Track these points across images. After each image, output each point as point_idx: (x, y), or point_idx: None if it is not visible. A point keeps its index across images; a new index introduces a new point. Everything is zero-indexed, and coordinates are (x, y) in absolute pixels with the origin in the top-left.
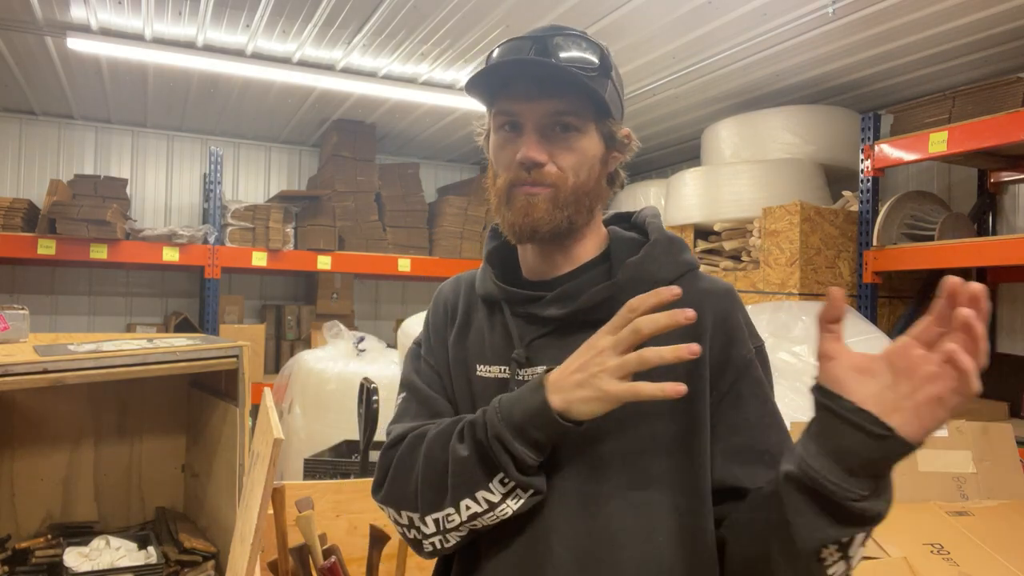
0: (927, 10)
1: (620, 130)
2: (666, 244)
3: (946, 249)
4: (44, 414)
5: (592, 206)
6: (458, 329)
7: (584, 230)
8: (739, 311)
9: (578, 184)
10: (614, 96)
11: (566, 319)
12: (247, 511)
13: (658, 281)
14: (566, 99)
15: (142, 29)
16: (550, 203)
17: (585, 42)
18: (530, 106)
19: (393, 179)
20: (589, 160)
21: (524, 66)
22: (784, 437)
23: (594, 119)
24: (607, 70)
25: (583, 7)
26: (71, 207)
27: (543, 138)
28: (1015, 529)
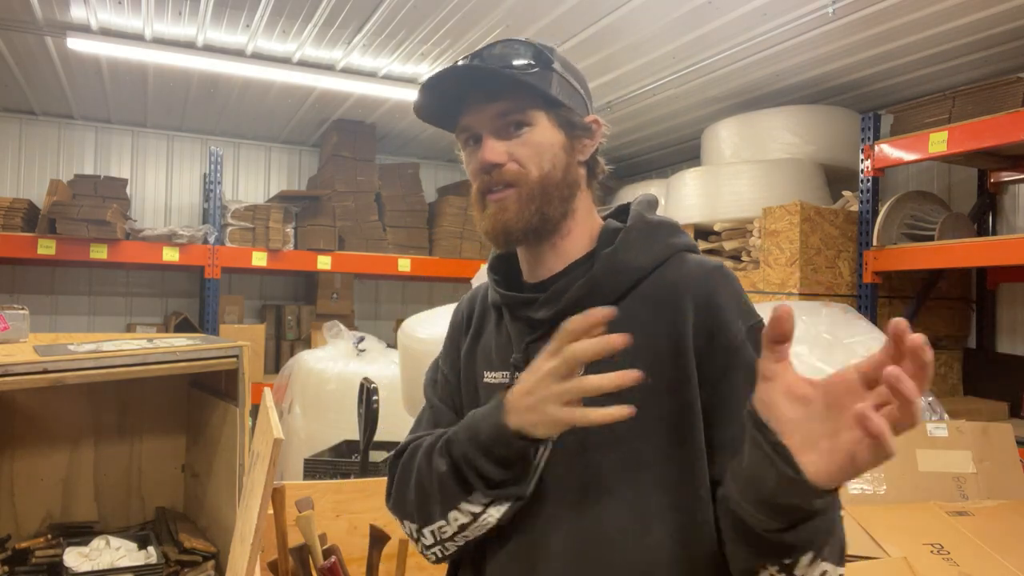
0: (927, 10)
1: (583, 117)
2: (644, 230)
3: (946, 249)
4: (44, 414)
5: (565, 195)
6: (471, 338)
7: (567, 224)
8: (725, 290)
9: (543, 175)
10: (564, 86)
11: (556, 319)
12: (247, 511)
13: (636, 269)
14: (508, 99)
15: (142, 29)
16: (517, 202)
17: (520, 44)
18: (479, 114)
19: (393, 179)
20: (548, 150)
21: (458, 73)
22: None
23: (544, 110)
24: (547, 64)
25: (583, 7)
26: (71, 207)
27: (499, 140)
28: (1015, 529)
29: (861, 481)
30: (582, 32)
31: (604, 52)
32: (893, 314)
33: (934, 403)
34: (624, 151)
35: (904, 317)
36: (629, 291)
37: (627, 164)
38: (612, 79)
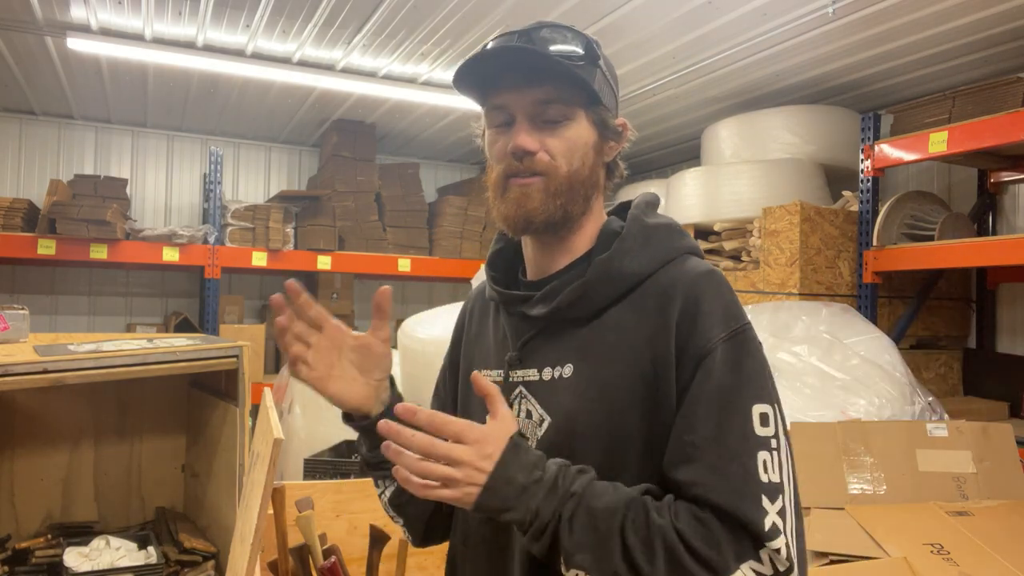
0: (927, 10)
1: (614, 119)
2: (640, 237)
3: (946, 249)
4: (44, 414)
5: (588, 195)
6: (471, 335)
7: (582, 220)
8: (711, 295)
9: (571, 172)
10: (604, 85)
11: (549, 318)
12: (247, 511)
13: (630, 275)
14: (553, 87)
15: (142, 29)
16: (543, 192)
17: (571, 33)
18: (518, 96)
19: (393, 179)
20: (581, 147)
21: (508, 54)
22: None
23: (583, 107)
24: (594, 59)
25: (583, 7)
26: (71, 207)
27: (533, 127)
28: (1015, 529)
29: (861, 481)
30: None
31: (604, 52)
32: (893, 314)
33: (934, 403)
34: (624, 151)
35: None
36: (622, 297)
37: (627, 164)
38: None
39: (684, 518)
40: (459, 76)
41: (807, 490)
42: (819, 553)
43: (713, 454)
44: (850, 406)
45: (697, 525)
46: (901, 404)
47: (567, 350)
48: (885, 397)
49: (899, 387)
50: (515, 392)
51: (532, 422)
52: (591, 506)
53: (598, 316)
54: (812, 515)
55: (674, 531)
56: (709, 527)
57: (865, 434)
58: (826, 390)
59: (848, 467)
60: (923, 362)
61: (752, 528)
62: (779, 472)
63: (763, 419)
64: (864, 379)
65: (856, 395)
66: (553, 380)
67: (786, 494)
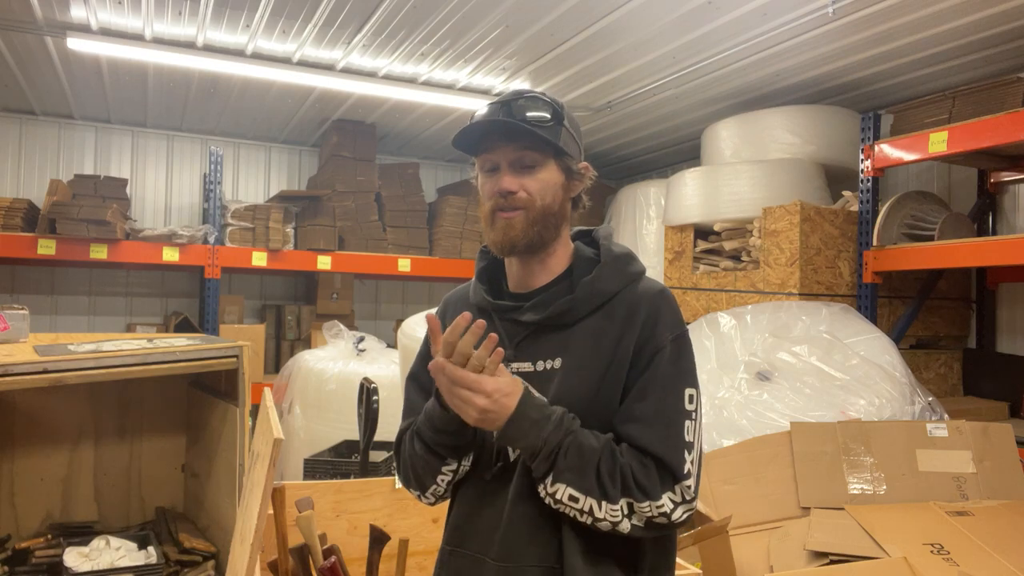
0: (927, 10)
1: (577, 164)
2: (612, 264)
3: (946, 249)
4: (44, 414)
5: (558, 224)
6: None
7: (554, 244)
8: (665, 308)
9: (544, 205)
10: (568, 139)
11: (540, 324)
12: (247, 511)
13: (606, 294)
14: (528, 143)
15: (142, 29)
16: (523, 222)
17: (542, 101)
18: (503, 151)
19: (393, 179)
20: (551, 187)
21: (496, 125)
22: (678, 410)
23: (553, 156)
24: (560, 120)
25: (583, 7)
26: (71, 207)
27: (514, 173)
28: (1015, 529)
29: (861, 481)
30: (582, 32)
31: (604, 52)
32: (893, 314)
33: (934, 403)
34: (624, 151)
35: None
36: (597, 309)
37: (627, 164)
38: (612, 79)
39: (633, 461)
40: (459, 140)
41: (807, 490)
42: (819, 553)
43: (656, 419)
44: (850, 406)
45: (639, 466)
46: (901, 404)
47: (555, 348)
48: (885, 397)
49: (899, 387)
50: None
51: None
52: (580, 442)
53: (578, 322)
54: (812, 515)
55: (629, 468)
56: (648, 467)
57: (865, 434)
58: (826, 390)
59: (848, 467)
60: (923, 362)
61: (675, 471)
62: (695, 435)
63: (690, 399)
64: (864, 379)
65: (856, 395)
66: (544, 371)
67: (695, 450)
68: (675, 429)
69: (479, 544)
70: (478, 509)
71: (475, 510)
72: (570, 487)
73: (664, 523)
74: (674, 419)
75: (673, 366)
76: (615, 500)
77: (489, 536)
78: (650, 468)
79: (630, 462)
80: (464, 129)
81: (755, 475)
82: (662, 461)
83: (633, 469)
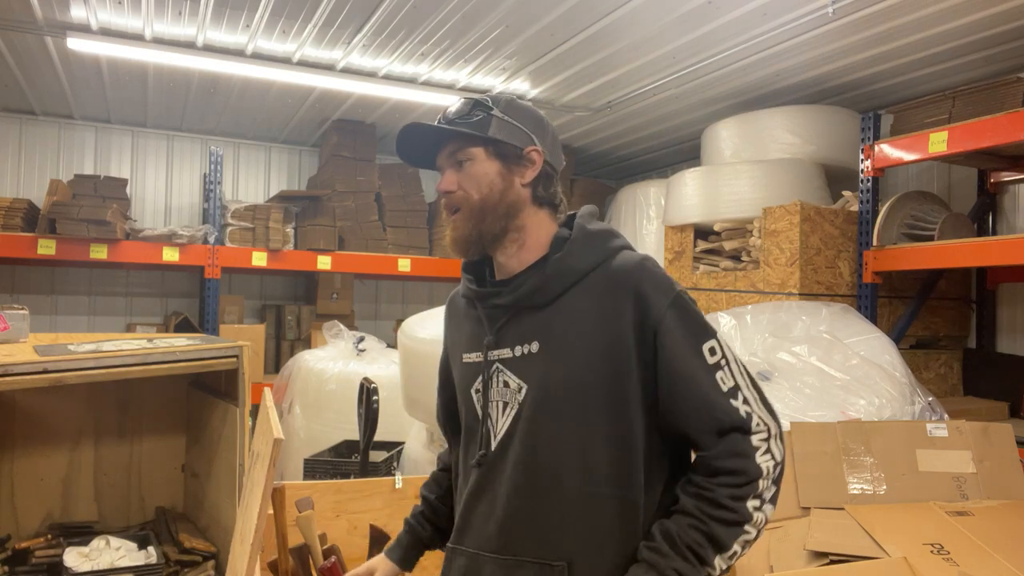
0: (927, 10)
1: (522, 149)
2: (583, 240)
3: (946, 249)
4: (44, 414)
5: (509, 212)
6: (453, 327)
7: (517, 236)
8: (647, 278)
9: (482, 197)
10: (503, 127)
11: (515, 305)
12: (247, 511)
13: (577, 271)
14: (453, 142)
15: (142, 29)
16: (463, 218)
17: (469, 100)
18: (440, 157)
19: (393, 179)
20: (485, 177)
21: (416, 131)
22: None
23: (481, 146)
24: (487, 110)
25: (583, 7)
26: (71, 207)
27: (452, 173)
28: (1015, 529)
29: (861, 481)
30: (582, 32)
31: (604, 52)
32: (893, 314)
33: (934, 403)
34: (624, 151)
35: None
36: (571, 286)
37: (627, 164)
38: (612, 79)
39: (704, 493)
40: (401, 154)
41: (807, 490)
42: (819, 553)
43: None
44: (850, 406)
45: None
46: (901, 404)
47: (531, 330)
48: (885, 397)
49: (899, 387)
50: (492, 368)
51: (511, 389)
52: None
53: (554, 302)
54: (812, 515)
55: (697, 513)
56: (714, 472)
57: (865, 434)
58: (826, 390)
59: (848, 467)
60: (923, 362)
61: (736, 426)
62: (732, 377)
63: (711, 351)
64: (864, 379)
65: (856, 395)
66: (524, 356)
67: (743, 387)
68: (712, 398)
69: (476, 539)
70: (472, 503)
71: (469, 504)
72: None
73: (776, 470)
74: (707, 391)
75: (681, 331)
76: (727, 543)
77: (485, 530)
78: (718, 470)
79: (699, 505)
80: (398, 143)
81: None
82: (722, 434)
83: (710, 500)
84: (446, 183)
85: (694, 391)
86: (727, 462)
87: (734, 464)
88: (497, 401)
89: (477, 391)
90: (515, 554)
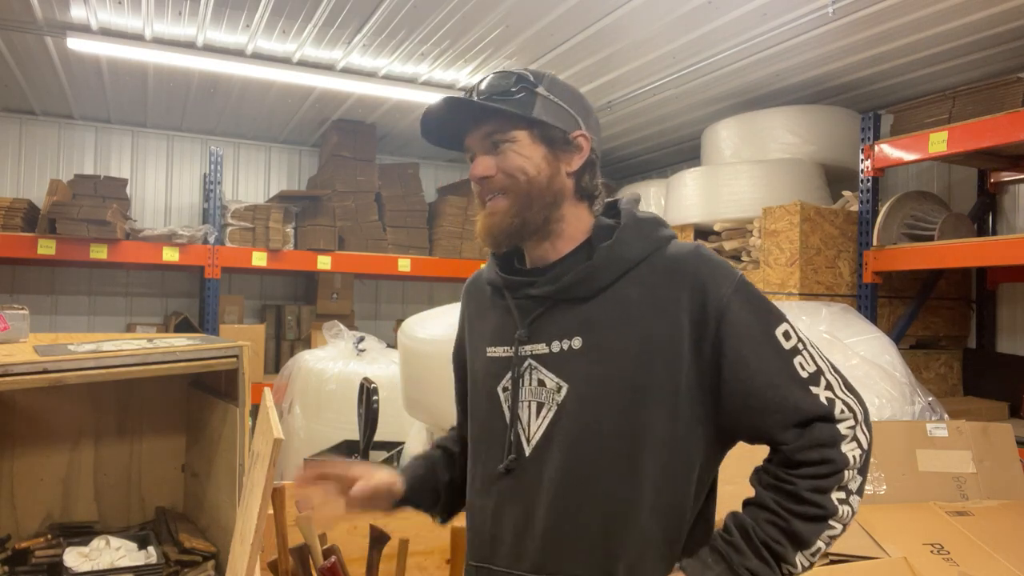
0: (927, 10)
1: (568, 133)
2: (634, 228)
3: (946, 249)
4: (44, 414)
5: (549, 202)
6: (473, 316)
7: (555, 228)
8: (705, 265)
9: (528, 180)
10: (548, 107)
11: (554, 296)
12: (247, 511)
13: (628, 260)
14: (491, 122)
15: (142, 29)
16: (507, 205)
17: (507, 75)
18: (472, 137)
19: (393, 179)
20: (531, 161)
21: (450, 107)
22: (782, 357)
23: (526, 128)
24: (531, 87)
25: (583, 7)
26: (71, 207)
27: (488, 157)
28: (1015, 529)
29: None
30: (582, 32)
31: (604, 52)
32: (893, 314)
33: (934, 403)
34: (624, 151)
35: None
36: (619, 278)
37: (627, 164)
38: (612, 79)
39: (786, 480)
40: (425, 134)
41: None
42: None
43: (772, 399)
44: None
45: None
46: (901, 404)
47: (572, 325)
48: (885, 397)
49: (899, 387)
50: (524, 364)
51: (547, 389)
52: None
53: (599, 295)
54: None
55: (776, 508)
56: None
57: None
58: None
59: None
60: (923, 362)
61: (820, 415)
62: (812, 362)
63: (786, 335)
64: (864, 379)
65: None
66: (563, 352)
67: (824, 371)
68: (788, 382)
69: (509, 556)
70: (499, 515)
71: (495, 516)
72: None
73: (863, 458)
74: (783, 373)
75: (750, 317)
76: (809, 539)
77: (520, 546)
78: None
79: (777, 498)
80: (423, 119)
81: None
82: (805, 425)
83: (789, 493)
84: (482, 167)
85: (770, 381)
86: (810, 453)
87: (818, 455)
88: (529, 401)
89: (505, 389)
90: (555, 571)
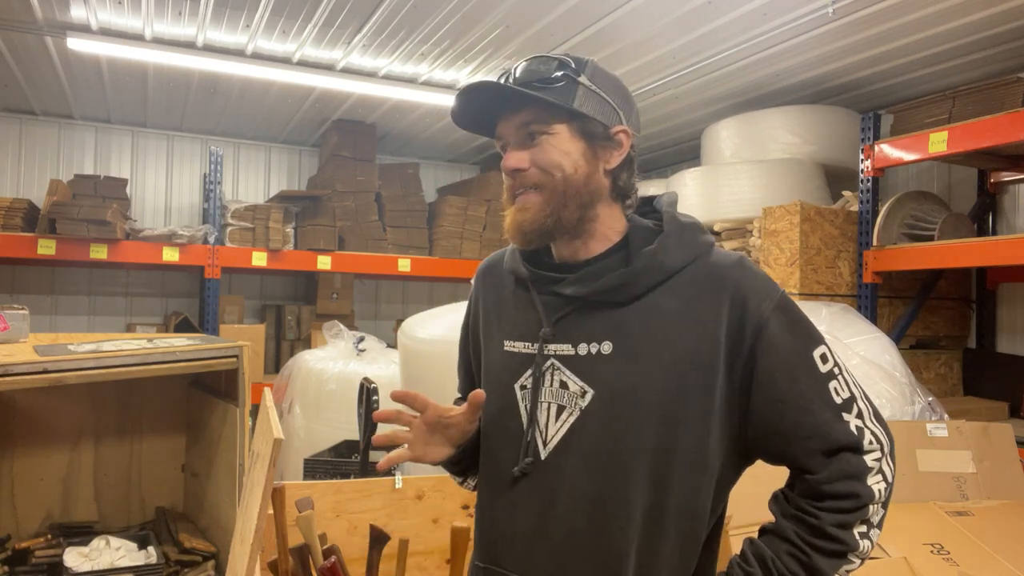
0: (927, 10)
1: (609, 128)
2: (677, 234)
3: (946, 249)
4: (44, 414)
5: (585, 201)
6: (489, 304)
7: (588, 228)
8: (747, 277)
9: (565, 178)
10: (590, 98)
11: (586, 298)
12: (247, 511)
13: (669, 268)
14: (532, 110)
15: (142, 29)
16: (541, 202)
17: (548, 60)
18: (505, 125)
19: (393, 179)
20: (569, 157)
21: (485, 90)
22: (818, 381)
23: (566, 121)
24: (573, 76)
25: (583, 7)
26: (71, 207)
27: (523, 148)
28: (1015, 529)
29: None
30: (582, 32)
31: (604, 52)
32: (893, 314)
33: (934, 403)
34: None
35: (904, 317)
36: (658, 284)
37: None
38: None
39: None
40: (456, 115)
41: None
42: None
43: (804, 423)
44: None
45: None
46: (901, 404)
47: (603, 329)
48: (885, 397)
49: (899, 387)
50: (547, 364)
51: (570, 392)
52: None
53: (635, 300)
54: None
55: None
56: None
57: None
58: None
59: None
60: (923, 362)
61: (849, 445)
62: (847, 387)
63: (823, 358)
64: (864, 379)
65: None
66: (591, 355)
67: (857, 398)
68: (820, 406)
69: (519, 561)
70: (510, 517)
71: (507, 518)
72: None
73: (887, 492)
74: (816, 397)
75: (789, 336)
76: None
77: (532, 551)
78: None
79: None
80: (458, 96)
81: (755, 475)
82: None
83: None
84: (515, 160)
85: (804, 405)
86: (837, 486)
87: (844, 488)
88: (549, 403)
89: (523, 388)
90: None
